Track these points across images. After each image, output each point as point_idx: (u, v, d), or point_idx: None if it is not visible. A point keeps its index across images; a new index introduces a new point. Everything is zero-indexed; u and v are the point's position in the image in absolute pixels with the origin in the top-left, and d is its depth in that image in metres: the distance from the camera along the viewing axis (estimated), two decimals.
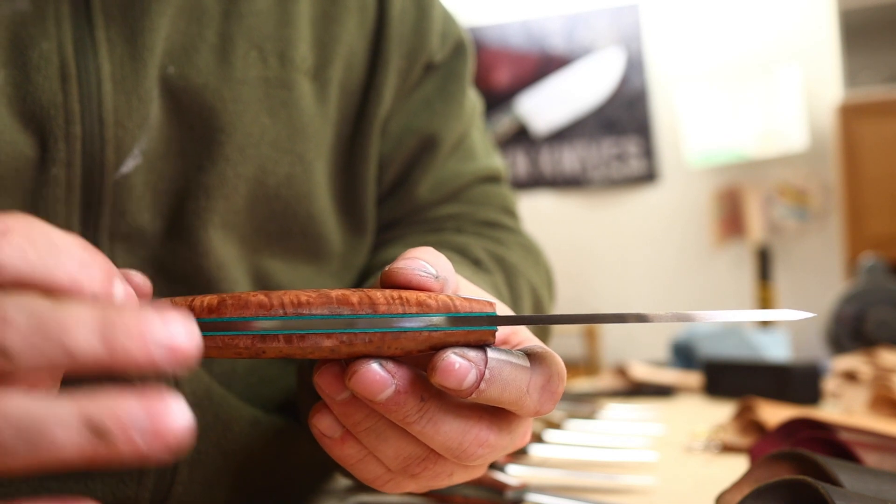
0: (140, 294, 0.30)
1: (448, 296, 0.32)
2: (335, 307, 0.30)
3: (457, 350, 0.30)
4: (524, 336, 0.37)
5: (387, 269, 0.33)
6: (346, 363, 0.31)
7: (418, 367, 0.32)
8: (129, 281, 0.30)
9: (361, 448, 0.34)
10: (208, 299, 0.30)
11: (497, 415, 0.33)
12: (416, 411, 0.31)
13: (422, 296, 0.31)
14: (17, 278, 0.23)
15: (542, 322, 0.33)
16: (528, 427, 0.36)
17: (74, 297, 0.24)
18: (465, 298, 0.32)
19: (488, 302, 0.32)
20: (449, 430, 0.32)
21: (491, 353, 0.31)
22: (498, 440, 0.33)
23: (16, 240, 0.23)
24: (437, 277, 0.33)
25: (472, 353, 0.30)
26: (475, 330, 0.31)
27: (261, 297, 0.30)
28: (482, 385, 0.30)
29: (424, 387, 0.31)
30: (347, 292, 0.30)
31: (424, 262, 0.33)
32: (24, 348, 0.21)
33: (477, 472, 0.36)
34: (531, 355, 0.33)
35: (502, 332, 0.36)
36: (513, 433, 0.34)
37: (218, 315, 0.30)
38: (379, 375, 0.30)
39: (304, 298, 0.30)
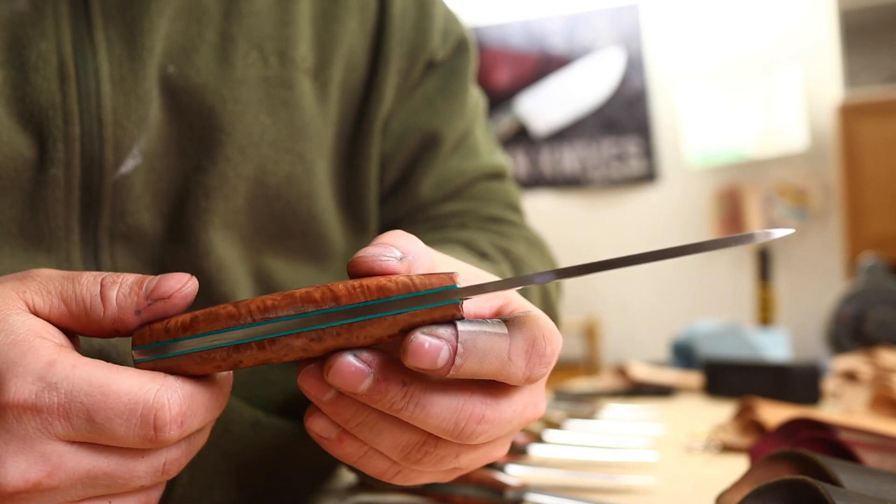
0: (188, 300, 0.32)
1: (408, 276, 0.31)
2: (300, 306, 0.30)
3: (425, 329, 0.30)
4: (518, 304, 0.35)
5: (352, 259, 0.32)
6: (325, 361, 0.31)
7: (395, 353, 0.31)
8: (177, 306, 0.32)
9: (360, 445, 0.33)
10: (181, 318, 0.31)
11: (490, 388, 0.32)
12: (400, 397, 0.30)
13: (382, 280, 0.30)
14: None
15: (503, 287, 0.31)
16: (535, 397, 0.35)
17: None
18: (424, 275, 0.31)
19: (447, 274, 0.31)
20: (440, 411, 0.31)
21: (462, 327, 0.30)
22: (497, 414, 0.32)
23: (184, 431, 0.31)
24: (400, 259, 0.32)
25: (442, 330, 0.30)
26: (438, 306, 0.30)
27: (230, 308, 0.31)
28: (457, 360, 0.29)
29: (405, 371, 0.30)
30: (311, 289, 0.30)
31: (389, 246, 0.32)
32: None
33: (488, 452, 0.35)
34: (509, 321, 0.31)
35: (495, 303, 0.34)
36: (513, 404, 0.33)
37: (192, 332, 0.31)
38: (354, 367, 0.30)
39: (269, 303, 0.30)
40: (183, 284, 0.32)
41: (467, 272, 0.37)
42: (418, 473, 0.35)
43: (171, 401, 0.30)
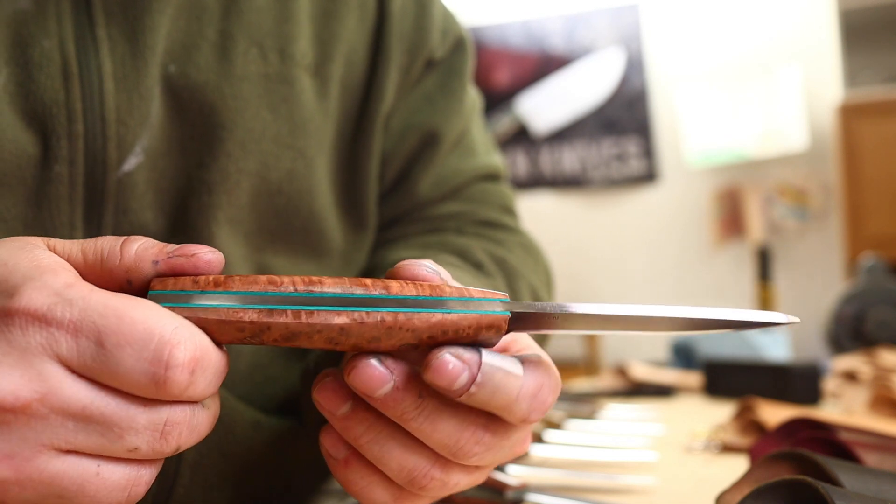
0: (214, 265, 0.31)
1: (460, 287, 0.32)
2: (348, 286, 0.30)
3: (452, 350, 0.30)
4: (525, 343, 0.37)
5: (394, 266, 0.33)
6: (342, 369, 0.31)
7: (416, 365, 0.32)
8: (198, 266, 0.31)
9: (365, 470, 0.34)
10: (214, 276, 0.30)
11: (492, 417, 0.33)
12: (413, 408, 0.31)
13: (435, 282, 0.32)
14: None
15: (547, 314, 0.33)
16: (526, 434, 0.36)
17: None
18: (478, 290, 0.32)
19: (498, 292, 0.32)
20: (445, 428, 0.32)
21: (486, 357, 0.31)
22: (494, 440, 0.33)
23: (195, 378, 0.29)
24: (440, 275, 0.33)
25: (468, 355, 0.31)
26: (489, 314, 0.31)
27: (271, 276, 0.30)
28: (472, 388, 0.30)
29: (423, 384, 0.31)
30: (362, 278, 0.31)
31: (430, 262, 0.33)
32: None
33: (478, 475, 0.36)
34: (525, 362, 0.33)
35: (503, 339, 0.35)
36: (510, 438, 0.34)
37: (225, 288, 0.29)
38: (378, 371, 0.30)
39: (315, 278, 0.30)
40: (208, 249, 0.31)
41: None
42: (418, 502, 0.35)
43: (186, 341, 0.28)
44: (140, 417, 0.28)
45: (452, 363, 0.30)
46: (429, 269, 0.33)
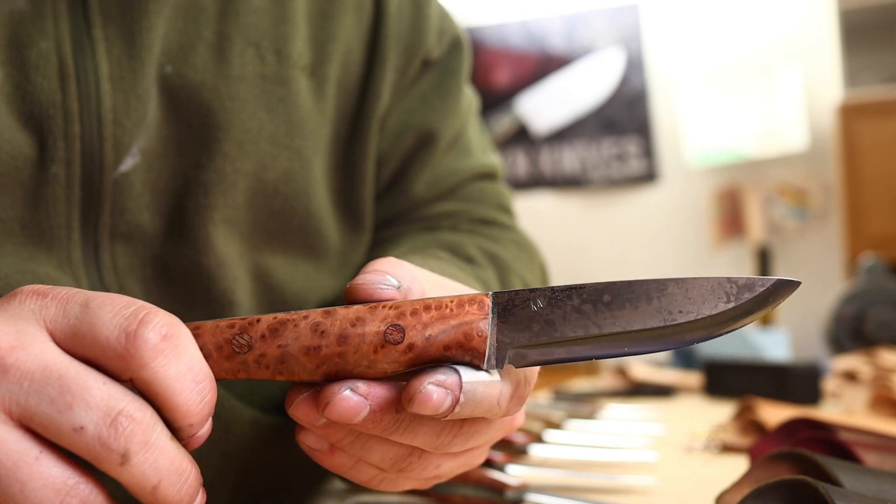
0: None
1: (425, 299, 0.32)
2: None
3: (432, 378, 0.30)
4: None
5: (349, 285, 0.33)
6: (318, 389, 0.31)
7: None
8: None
9: (350, 457, 0.34)
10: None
11: None
12: (391, 423, 0.31)
13: (394, 298, 0.32)
14: (150, 378, 0.29)
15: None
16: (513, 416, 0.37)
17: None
18: (448, 298, 0.32)
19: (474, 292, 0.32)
20: (426, 432, 0.33)
21: (465, 377, 0.31)
22: (473, 429, 0.34)
23: (165, 346, 0.29)
24: (398, 288, 0.33)
25: (449, 380, 0.30)
26: (462, 329, 0.31)
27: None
28: (456, 409, 0.30)
29: (398, 399, 0.31)
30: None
31: (384, 274, 0.33)
32: None
33: (468, 460, 0.37)
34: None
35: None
36: (492, 424, 0.35)
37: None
38: (352, 401, 0.30)
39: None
40: None
41: (454, 291, 0.38)
42: (402, 481, 0.36)
43: (164, 314, 0.29)
44: (96, 390, 0.28)
45: (436, 393, 0.30)
46: (383, 287, 0.32)
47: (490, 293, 0.32)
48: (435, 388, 0.30)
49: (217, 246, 0.49)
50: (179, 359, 0.29)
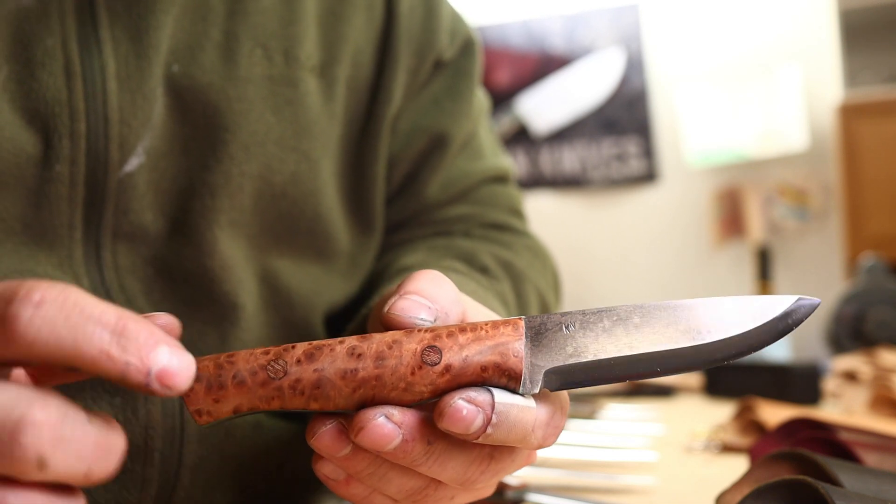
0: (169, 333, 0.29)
1: (462, 324, 0.32)
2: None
3: (463, 395, 0.30)
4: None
5: (386, 311, 0.33)
6: (345, 420, 0.31)
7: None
8: (154, 322, 0.29)
9: (367, 487, 0.34)
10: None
11: (498, 447, 0.33)
12: (422, 454, 0.31)
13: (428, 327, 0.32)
14: (44, 353, 0.24)
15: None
16: (531, 451, 0.36)
17: (103, 369, 0.25)
18: (486, 323, 0.32)
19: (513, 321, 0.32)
20: (455, 467, 0.32)
21: (498, 397, 0.30)
22: (500, 466, 0.34)
23: (47, 311, 0.24)
24: (433, 322, 0.33)
25: (480, 397, 0.30)
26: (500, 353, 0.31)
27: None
28: (489, 430, 0.30)
29: (431, 430, 0.31)
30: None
31: (423, 301, 0.33)
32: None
33: (479, 492, 0.36)
34: (536, 393, 0.32)
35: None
36: (515, 458, 0.34)
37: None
38: (387, 429, 0.30)
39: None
40: (160, 316, 0.30)
41: (490, 317, 0.38)
42: None
43: (27, 283, 0.25)
44: None
45: (466, 409, 0.30)
46: (419, 321, 0.32)
47: (524, 317, 0.32)
48: (465, 404, 0.30)
49: (222, 248, 0.48)
50: (72, 316, 0.25)
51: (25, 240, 0.43)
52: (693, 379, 1.30)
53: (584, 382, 0.32)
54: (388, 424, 0.30)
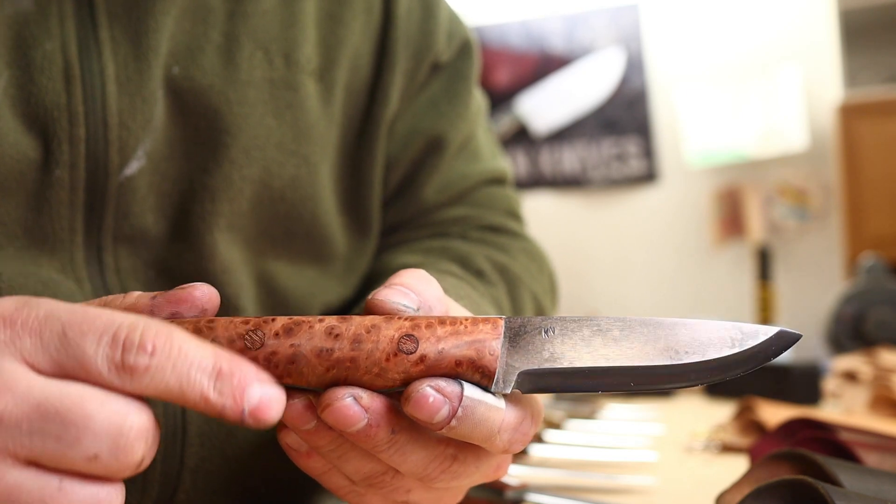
0: (205, 305, 0.31)
1: (441, 316, 0.32)
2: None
3: (432, 383, 0.30)
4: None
5: (370, 297, 0.33)
6: (315, 397, 0.31)
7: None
8: (194, 294, 0.31)
9: (326, 462, 0.34)
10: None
11: (462, 447, 0.33)
12: (385, 442, 0.31)
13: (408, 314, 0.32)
14: (152, 395, 0.28)
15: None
16: (501, 461, 0.36)
17: (203, 410, 0.28)
18: (465, 318, 0.32)
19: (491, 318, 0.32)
20: (415, 459, 0.32)
21: (468, 391, 0.31)
22: (461, 469, 0.33)
23: (159, 361, 0.27)
24: (416, 310, 0.33)
25: (449, 388, 0.30)
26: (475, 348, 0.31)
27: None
28: (453, 422, 0.30)
29: (396, 419, 0.31)
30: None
31: (407, 291, 0.33)
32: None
33: (441, 496, 0.36)
34: (507, 395, 0.32)
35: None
36: (479, 467, 0.34)
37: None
38: (352, 410, 0.30)
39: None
40: (198, 287, 0.32)
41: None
42: (371, 497, 0.36)
43: (147, 326, 0.27)
44: (98, 415, 0.27)
45: (433, 397, 0.30)
46: (403, 308, 0.32)
47: (504, 318, 0.32)
48: (433, 392, 0.30)
49: (222, 252, 0.48)
50: (178, 364, 0.28)
51: (27, 244, 0.43)
52: None
53: (556, 388, 0.32)
54: (354, 406, 0.30)
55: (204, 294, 0.31)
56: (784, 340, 0.32)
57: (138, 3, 0.44)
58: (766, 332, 0.32)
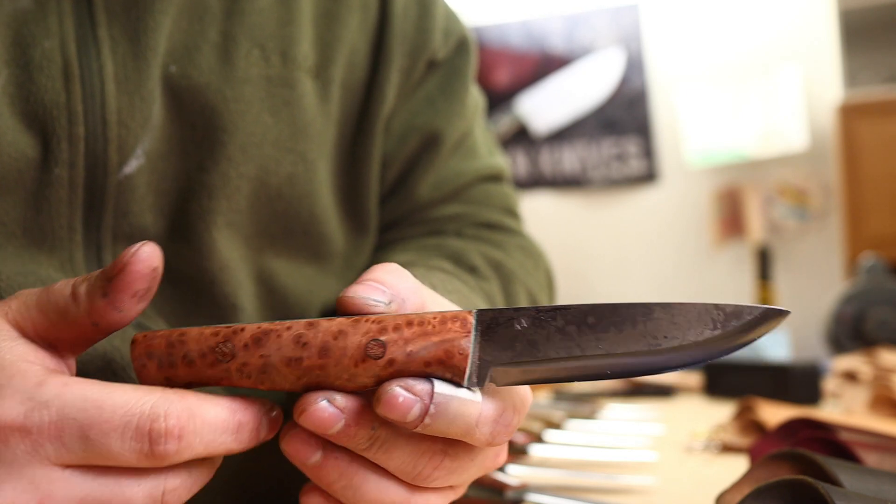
0: (148, 266, 0.31)
1: (409, 314, 0.32)
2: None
3: (402, 382, 0.30)
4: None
5: (341, 295, 0.33)
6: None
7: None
8: (138, 257, 0.30)
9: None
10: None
11: (451, 442, 0.33)
12: (367, 439, 0.31)
13: (377, 311, 0.32)
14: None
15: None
16: (496, 451, 0.36)
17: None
18: (432, 314, 0.32)
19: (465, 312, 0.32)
20: (402, 455, 0.32)
21: (438, 388, 0.30)
22: (455, 464, 0.33)
23: (188, 441, 0.29)
24: (388, 304, 0.32)
25: (419, 386, 0.30)
26: (443, 346, 0.31)
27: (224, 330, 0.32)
28: (427, 419, 0.30)
29: (375, 416, 0.31)
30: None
31: (377, 286, 0.32)
32: None
33: (450, 494, 0.36)
34: (484, 388, 0.32)
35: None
36: (474, 459, 0.34)
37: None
38: (328, 413, 0.30)
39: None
40: (137, 248, 0.30)
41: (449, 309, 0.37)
42: None
43: (168, 411, 0.28)
44: (137, 493, 0.29)
45: (403, 396, 0.30)
46: (371, 303, 0.32)
47: (475, 311, 0.31)
48: (402, 392, 0.30)
49: (220, 250, 0.48)
50: (204, 435, 0.29)
51: (26, 243, 0.43)
52: (693, 379, 1.30)
53: (531, 381, 0.31)
54: (329, 408, 0.30)
55: (142, 261, 0.30)
56: (770, 318, 0.32)
57: (137, 2, 0.44)
58: (750, 312, 0.31)
